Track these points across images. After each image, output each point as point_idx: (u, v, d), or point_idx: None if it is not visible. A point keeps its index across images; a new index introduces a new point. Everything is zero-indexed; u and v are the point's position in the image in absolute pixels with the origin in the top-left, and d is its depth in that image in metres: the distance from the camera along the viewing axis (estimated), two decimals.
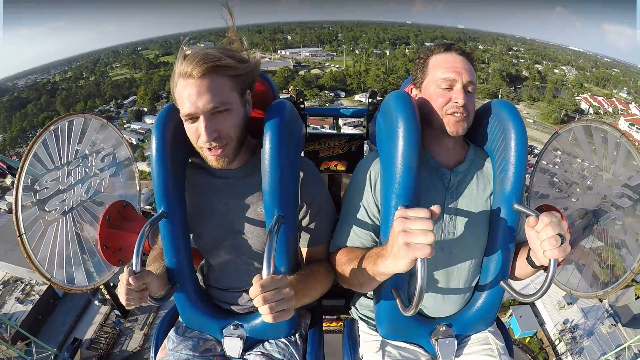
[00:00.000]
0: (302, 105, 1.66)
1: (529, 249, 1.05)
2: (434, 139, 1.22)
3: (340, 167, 1.79)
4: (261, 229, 1.20)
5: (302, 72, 68.75)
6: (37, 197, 1.39)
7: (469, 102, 1.15)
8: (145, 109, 57.33)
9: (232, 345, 1.26)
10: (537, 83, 67.59)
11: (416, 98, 1.25)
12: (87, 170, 1.57)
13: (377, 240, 1.21)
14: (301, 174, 1.17)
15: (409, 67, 71.70)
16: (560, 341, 15.97)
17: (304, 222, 1.21)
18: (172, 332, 1.31)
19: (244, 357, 1.26)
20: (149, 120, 53.40)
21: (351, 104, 59.69)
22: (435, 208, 0.87)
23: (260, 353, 1.25)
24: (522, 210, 1.06)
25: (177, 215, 1.16)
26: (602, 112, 57.33)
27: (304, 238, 1.23)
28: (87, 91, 62.98)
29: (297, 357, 1.27)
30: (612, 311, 16.39)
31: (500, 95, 61.19)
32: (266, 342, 1.29)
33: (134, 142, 46.61)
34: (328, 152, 1.76)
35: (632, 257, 1.39)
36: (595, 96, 61.68)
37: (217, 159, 1.07)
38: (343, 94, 63.74)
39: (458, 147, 1.25)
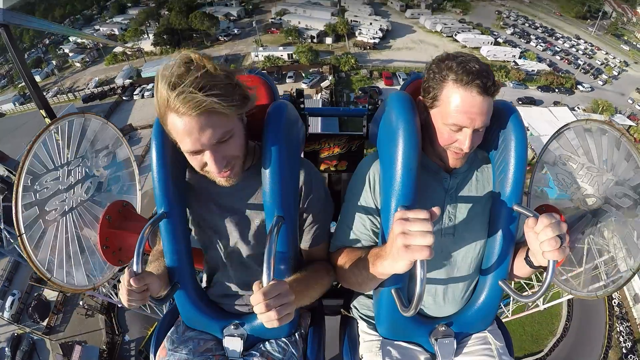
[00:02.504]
0: (302, 106, 1.66)
1: (528, 249, 1.05)
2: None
3: (341, 167, 1.79)
4: (262, 230, 1.20)
5: None
6: (37, 197, 1.39)
7: (475, 142, 1.08)
8: (129, 4, 55.66)
9: (232, 344, 1.26)
10: None
11: (423, 111, 1.15)
12: (87, 170, 1.57)
13: (377, 241, 1.21)
14: (301, 175, 1.17)
15: None
16: None
17: (305, 223, 1.22)
18: (171, 332, 1.31)
19: (244, 356, 1.27)
20: (133, 12, 51.68)
21: None
22: (436, 209, 0.87)
23: (260, 353, 1.25)
24: (521, 212, 1.06)
25: (177, 215, 1.16)
26: (625, 20, 55.93)
27: (304, 239, 1.24)
28: (65, 0, 59.21)
29: (297, 356, 1.27)
30: None
31: None
32: (266, 342, 1.29)
33: (117, 32, 46.20)
34: (328, 152, 1.76)
35: (632, 257, 1.39)
36: (620, 2, 59.88)
37: (227, 179, 1.07)
38: None
39: None
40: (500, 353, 1.22)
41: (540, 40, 47.19)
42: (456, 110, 1.03)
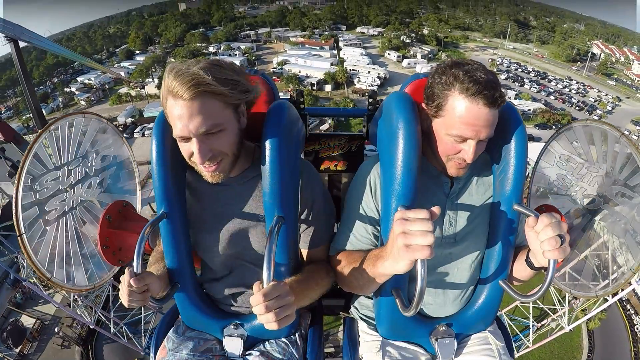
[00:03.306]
0: (302, 106, 1.66)
1: (528, 251, 1.05)
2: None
3: (340, 167, 1.79)
4: (262, 231, 1.20)
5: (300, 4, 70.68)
6: (37, 197, 1.39)
7: (478, 152, 1.06)
8: (137, 52, 58.67)
9: (232, 344, 1.26)
10: (545, 32, 68.69)
11: (425, 119, 1.12)
12: (87, 170, 1.57)
13: (377, 244, 1.21)
14: (301, 176, 1.17)
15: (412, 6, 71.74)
16: None
17: (304, 224, 1.22)
18: (171, 332, 1.31)
19: (245, 356, 1.27)
20: (140, 58, 54.36)
21: (354, 35, 62.06)
22: (436, 209, 0.87)
23: (260, 353, 1.25)
24: (521, 211, 1.06)
25: (177, 216, 1.16)
26: (613, 60, 58.47)
27: (304, 240, 1.23)
28: (76, 43, 63.34)
29: (297, 356, 1.27)
30: None
31: (508, 35, 62.67)
32: (266, 342, 1.29)
33: (123, 75, 48.43)
34: (328, 152, 1.76)
35: (632, 257, 1.39)
36: (607, 44, 62.62)
37: (211, 175, 1.06)
38: (344, 27, 65.81)
39: None
40: (500, 353, 1.22)
41: (534, 83, 49.23)
42: (461, 121, 0.99)
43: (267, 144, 1.06)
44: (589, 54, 57.66)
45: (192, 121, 0.94)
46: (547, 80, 50.93)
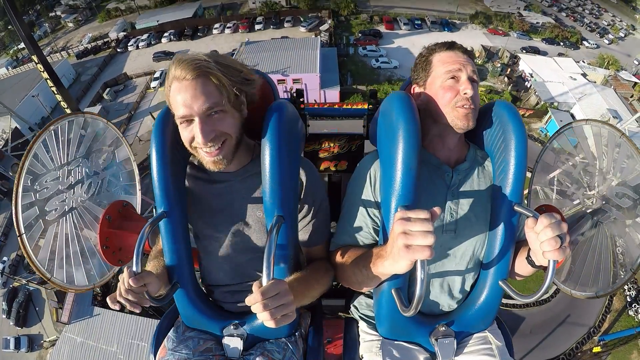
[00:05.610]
0: (302, 105, 1.67)
1: (529, 248, 1.05)
2: (438, 137, 1.22)
3: (340, 167, 1.79)
4: (261, 229, 1.20)
5: None
6: (37, 197, 1.39)
7: (476, 94, 1.16)
8: None
9: (232, 344, 1.26)
10: None
11: (420, 97, 1.24)
12: (87, 170, 1.57)
13: (378, 238, 1.21)
14: (301, 174, 1.17)
15: None
16: None
17: (304, 222, 1.22)
18: (171, 332, 1.31)
19: (244, 356, 1.27)
20: None
21: None
22: (437, 209, 0.87)
23: (260, 353, 1.25)
24: (522, 212, 1.06)
25: (177, 215, 1.16)
26: None
27: (305, 238, 1.24)
28: None
29: (297, 356, 1.27)
30: None
31: None
32: (266, 342, 1.29)
33: None
34: (328, 152, 1.76)
35: (632, 257, 1.39)
36: None
37: (214, 161, 1.06)
38: None
39: (459, 146, 1.26)
40: (500, 352, 1.22)
41: None
42: (448, 63, 1.18)
43: (267, 144, 1.07)
44: None
45: (196, 100, 0.98)
46: None
